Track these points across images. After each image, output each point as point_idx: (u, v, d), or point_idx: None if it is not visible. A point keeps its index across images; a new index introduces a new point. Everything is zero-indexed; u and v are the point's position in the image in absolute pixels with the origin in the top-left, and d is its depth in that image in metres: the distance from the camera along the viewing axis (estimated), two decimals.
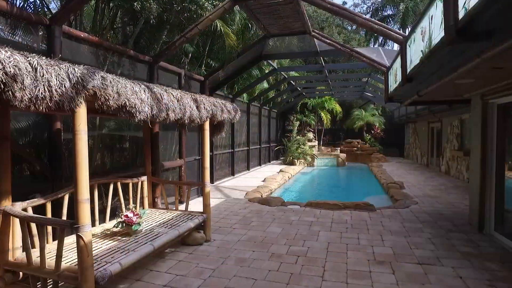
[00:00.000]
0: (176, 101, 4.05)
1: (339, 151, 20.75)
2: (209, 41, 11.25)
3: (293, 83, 16.23)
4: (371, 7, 28.38)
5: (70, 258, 3.31)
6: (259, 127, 16.80)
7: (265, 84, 16.31)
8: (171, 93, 4.01)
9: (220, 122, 5.77)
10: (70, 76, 2.51)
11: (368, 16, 27.62)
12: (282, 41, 11.65)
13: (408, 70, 5.05)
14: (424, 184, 10.74)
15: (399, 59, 5.74)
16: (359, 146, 20.57)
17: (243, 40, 11.63)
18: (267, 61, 11.92)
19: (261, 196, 8.91)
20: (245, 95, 15.00)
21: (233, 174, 13.11)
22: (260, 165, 16.83)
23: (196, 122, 4.74)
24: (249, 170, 14.98)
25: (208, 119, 5.06)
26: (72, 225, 2.70)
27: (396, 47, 29.60)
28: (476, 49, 3.08)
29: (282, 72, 14.16)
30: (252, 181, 11.56)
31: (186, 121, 4.37)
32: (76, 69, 2.57)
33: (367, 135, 21.54)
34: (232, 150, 13.12)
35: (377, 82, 16.35)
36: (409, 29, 4.89)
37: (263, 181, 11.47)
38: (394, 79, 6.50)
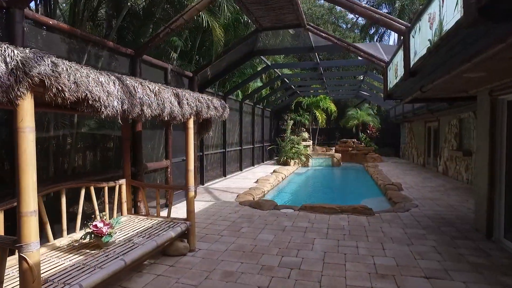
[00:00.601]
0: (153, 95, 3.56)
1: (334, 151, 20.37)
2: (199, 36, 10.76)
3: (287, 81, 15.78)
4: (366, 5, 27.99)
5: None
6: (252, 126, 16.33)
7: (258, 83, 15.86)
8: (148, 86, 3.53)
9: (207, 120, 5.31)
10: (7, 60, 2.02)
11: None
12: (276, 37, 11.21)
13: (412, 63, 4.62)
14: (423, 185, 10.36)
15: (400, 52, 5.32)
16: (354, 145, 20.20)
17: (235, 34, 11.16)
18: (260, 57, 11.45)
19: (253, 199, 8.45)
20: (238, 93, 14.53)
21: (224, 174, 12.63)
22: (253, 165, 16.37)
23: (178, 120, 4.26)
24: (241, 170, 14.51)
25: (193, 116, 4.57)
26: (14, 244, 2.21)
27: (392, 41, 28.88)
28: (498, 33, 2.64)
29: (276, 70, 13.69)
30: (245, 182, 11.09)
31: (166, 118, 3.88)
32: (16, 51, 2.08)
33: (363, 134, 21.18)
34: (224, 150, 12.64)
35: (373, 80, 16.00)
36: (413, 18, 4.42)
37: (256, 182, 11.00)
38: (394, 74, 6.07)
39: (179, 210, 6.87)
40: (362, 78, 15.34)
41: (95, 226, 3.48)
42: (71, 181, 4.21)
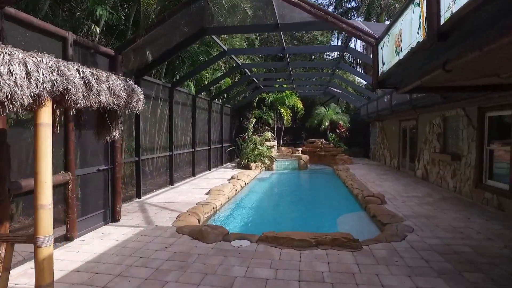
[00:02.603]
0: None
1: (300, 152, 18.68)
2: (134, 7, 8.43)
3: (248, 72, 13.72)
4: None
5: None
6: (209, 125, 14.13)
7: (216, 74, 13.68)
8: None
9: (110, 111, 3.13)
10: None
11: (331, 8, 25.90)
12: (234, 15, 9.15)
13: (443, 19, 2.74)
14: (406, 195, 8.73)
15: (412, 11, 3.44)
16: (322, 146, 18.58)
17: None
18: (213, 39, 9.28)
19: (198, 220, 6.31)
20: (191, 87, 12.27)
21: (171, 183, 10.36)
22: (210, 170, 14.17)
23: (21, 105, 2.08)
24: (194, 176, 12.28)
25: (45, 101, 2.37)
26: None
27: (360, 47, 27.48)
28: None
29: (235, 58, 11.57)
30: (194, 194, 8.91)
31: None
32: None
33: (331, 134, 19.63)
34: (171, 153, 10.36)
35: (344, 73, 14.43)
36: None
37: (208, 193, 8.85)
38: (394, 50, 4.19)
39: (69, 254, 4.60)
40: (332, 72, 13.63)
41: None
42: None
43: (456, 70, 3.36)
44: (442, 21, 2.77)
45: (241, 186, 10.58)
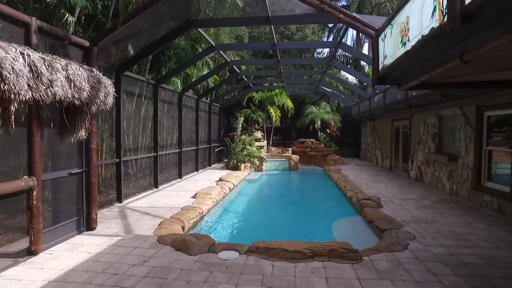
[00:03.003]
0: None
1: (291, 152, 18.26)
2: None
3: (238, 70, 13.22)
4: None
5: None
6: (197, 124, 13.59)
7: (204, 72, 13.13)
8: None
9: (74, 108, 2.61)
10: None
11: None
12: (222, 8, 8.67)
13: None
14: (402, 197, 8.37)
15: None
16: (313, 146, 18.19)
17: None
18: (200, 33, 8.75)
19: (183, 227, 5.80)
20: (178, 84, 11.71)
21: (156, 185, 9.79)
22: (197, 171, 13.62)
23: None
24: (181, 178, 11.72)
25: None
26: None
27: (350, 40, 27.03)
28: None
29: (223, 54, 11.05)
30: (179, 197, 8.38)
31: None
32: None
33: (322, 134, 19.26)
34: (156, 154, 9.79)
35: (337, 71, 14.05)
36: None
37: (194, 197, 8.33)
38: (399, 40, 3.76)
39: (30, 271, 4.05)
40: (324, 70, 13.23)
41: None
42: None
43: (474, 62, 2.94)
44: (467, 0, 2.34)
45: (229, 188, 10.08)
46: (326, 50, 25.90)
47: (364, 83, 17.92)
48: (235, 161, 14.38)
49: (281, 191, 11.28)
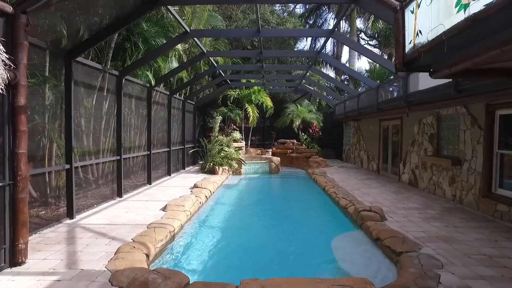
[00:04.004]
0: None
1: (271, 153, 17.17)
2: None
3: (215, 63, 11.92)
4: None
5: None
6: (169, 123, 12.17)
7: (174, 63, 11.74)
8: None
9: None
10: None
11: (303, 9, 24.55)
12: None
13: None
14: (403, 206, 7.43)
15: None
16: (294, 147, 17.15)
17: None
18: (171, 14, 7.41)
19: (147, 255, 4.47)
20: (150, 78, 10.26)
21: (119, 194, 8.34)
22: (170, 175, 12.21)
23: None
24: (150, 184, 10.29)
25: None
26: None
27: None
28: None
29: (199, 43, 9.71)
30: (147, 210, 7.02)
31: None
32: None
33: (303, 134, 18.26)
34: (119, 157, 8.35)
35: (321, 67, 13.04)
36: None
37: (164, 209, 6.99)
38: (449, 4, 2.67)
39: None
40: (309, 64, 12.19)
41: None
42: None
43: None
44: None
45: (206, 196, 8.79)
46: (308, 46, 25.12)
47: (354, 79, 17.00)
48: (211, 164, 13.07)
49: (265, 199, 10.08)
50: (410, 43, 3.53)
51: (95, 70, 7.41)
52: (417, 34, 3.34)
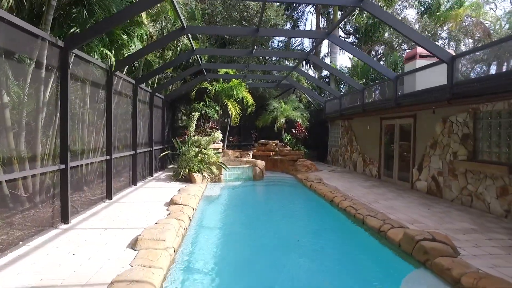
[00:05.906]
0: None
1: (251, 156, 15.04)
2: None
3: (193, 46, 9.63)
4: None
5: None
6: (134, 120, 9.68)
7: (139, 45, 9.30)
8: None
9: None
10: None
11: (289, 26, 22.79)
12: None
13: None
14: (454, 227, 5.71)
15: None
16: (277, 149, 15.16)
17: None
18: None
19: None
20: (112, 58, 7.76)
21: (65, 218, 5.84)
22: (135, 184, 9.72)
23: None
24: (110, 198, 7.81)
25: None
26: None
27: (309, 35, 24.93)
28: None
29: (178, 11, 7.38)
30: (107, 246, 4.68)
31: None
32: None
33: (287, 134, 16.36)
34: (64, 166, 5.87)
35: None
36: None
37: (135, 246, 4.64)
38: None
39: None
40: (305, 55, 10.26)
41: None
42: None
43: None
44: None
45: (189, 218, 6.52)
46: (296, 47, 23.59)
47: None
48: (186, 169, 10.74)
49: (259, 218, 7.85)
50: None
51: (27, 35, 4.93)
52: None
